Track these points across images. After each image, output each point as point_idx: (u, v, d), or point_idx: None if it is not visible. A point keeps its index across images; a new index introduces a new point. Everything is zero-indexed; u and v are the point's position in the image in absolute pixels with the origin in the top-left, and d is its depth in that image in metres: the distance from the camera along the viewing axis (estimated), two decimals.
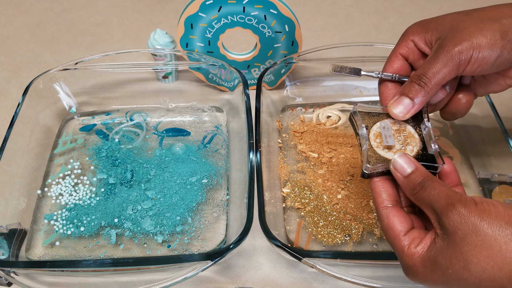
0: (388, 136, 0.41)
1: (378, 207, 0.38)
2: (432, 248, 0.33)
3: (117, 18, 0.89)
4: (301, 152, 0.64)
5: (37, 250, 0.56)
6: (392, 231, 0.36)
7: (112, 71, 0.68)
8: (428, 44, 0.42)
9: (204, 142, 0.66)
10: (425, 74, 0.39)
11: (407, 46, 0.43)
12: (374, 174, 0.39)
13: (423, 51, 0.43)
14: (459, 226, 0.31)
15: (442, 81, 0.40)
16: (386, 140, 0.40)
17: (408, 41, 0.43)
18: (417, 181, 0.36)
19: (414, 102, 0.40)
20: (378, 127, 0.42)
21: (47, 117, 0.67)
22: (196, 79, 0.73)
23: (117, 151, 0.64)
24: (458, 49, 0.39)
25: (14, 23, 0.88)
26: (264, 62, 0.72)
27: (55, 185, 0.61)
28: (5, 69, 0.79)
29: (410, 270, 0.35)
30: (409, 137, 0.41)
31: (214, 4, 0.63)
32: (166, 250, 0.55)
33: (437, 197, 0.34)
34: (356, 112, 0.42)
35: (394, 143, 0.40)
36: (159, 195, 0.59)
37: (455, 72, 0.40)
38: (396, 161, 0.38)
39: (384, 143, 0.40)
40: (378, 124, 0.42)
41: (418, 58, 0.43)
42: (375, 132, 0.41)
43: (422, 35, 0.42)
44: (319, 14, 0.90)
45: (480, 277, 0.31)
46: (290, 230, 0.57)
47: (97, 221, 0.57)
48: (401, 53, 0.44)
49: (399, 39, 0.44)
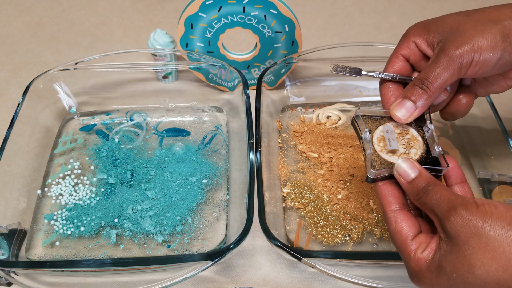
0: (391, 140, 0.40)
1: (385, 210, 0.38)
2: (437, 253, 0.33)
3: (117, 18, 0.89)
4: (301, 152, 0.64)
5: (37, 250, 0.56)
6: (400, 236, 0.36)
7: (112, 71, 0.68)
8: (430, 45, 0.42)
9: (204, 142, 0.66)
10: (427, 78, 0.39)
11: (408, 47, 0.43)
12: (379, 179, 0.39)
13: (425, 52, 0.43)
14: (461, 230, 0.31)
15: (444, 84, 0.40)
16: (390, 144, 0.40)
17: (409, 42, 0.43)
18: (420, 186, 0.36)
19: (417, 106, 0.40)
20: (381, 131, 0.41)
21: (47, 117, 0.67)
22: (196, 79, 0.73)
23: (117, 151, 0.65)
24: (459, 52, 0.38)
25: (14, 23, 0.88)
26: (264, 62, 0.72)
27: (55, 185, 0.61)
28: (5, 69, 0.79)
29: (416, 275, 0.34)
30: (413, 140, 0.41)
31: (214, 4, 0.63)
32: (166, 250, 0.55)
33: (439, 201, 0.34)
34: (359, 115, 0.42)
35: (398, 147, 0.40)
36: (159, 195, 0.59)
37: (457, 75, 0.40)
38: (399, 166, 0.38)
39: (387, 147, 0.40)
40: (381, 128, 0.42)
41: (420, 59, 0.43)
42: (378, 136, 0.41)
43: (424, 37, 0.42)
44: (319, 14, 0.90)
45: (485, 279, 0.30)
46: (290, 230, 0.57)
47: (97, 221, 0.57)
48: (403, 54, 0.44)
49: (400, 40, 0.44)
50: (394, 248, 0.55)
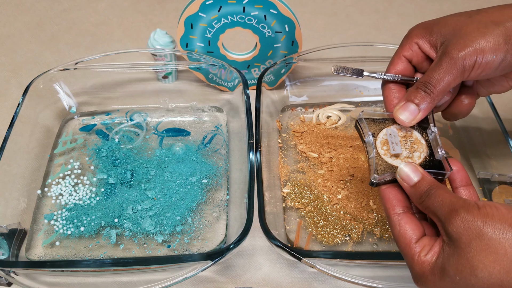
0: (395, 144, 0.40)
1: (389, 214, 0.38)
2: (440, 256, 0.33)
3: (117, 18, 0.89)
4: (301, 152, 0.64)
5: (37, 250, 0.56)
6: (404, 239, 0.36)
7: (112, 71, 0.68)
8: (433, 47, 0.42)
9: (204, 142, 0.66)
10: (431, 81, 0.39)
11: (411, 49, 0.43)
12: (382, 183, 0.39)
13: (428, 54, 0.43)
14: (463, 232, 0.31)
15: (448, 87, 0.40)
16: (393, 148, 0.40)
17: (412, 43, 0.43)
18: (423, 190, 0.36)
19: (420, 109, 0.40)
20: (385, 134, 0.41)
21: (47, 117, 0.67)
22: (196, 79, 0.73)
23: (117, 151, 0.65)
24: (462, 55, 0.38)
25: (14, 23, 0.88)
26: (264, 62, 0.72)
27: (55, 185, 0.61)
28: (5, 69, 0.79)
29: (420, 278, 0.34)
30: (416, 143, 0.41)
31: (214, 4, 0.63)
32: (166, 250, 0.55)
33: (441, 204, 0.34)
34: (362, 119, 0.42)
35: (401, 151, 0.40)
36: (159, 195, 0.59)
37: (460, 78, 0.40)
38: (402, 170, 0.38)
39: (391, 151, 0.40)
40: (385, 131, 0.42)
41: (422, 60, 0.43)
42: (381, 139, 0.41)
43: (426, 38, 0.42)
44: (319, 14, 0.90)
45: (487, 282, 0.30)
46: (290, 230, 0.57)
47: (97, 221, 0.57)
48: (405, 55, 0.44)
49: (402, 41, 0.44)
50: (394, 248, 0.55)
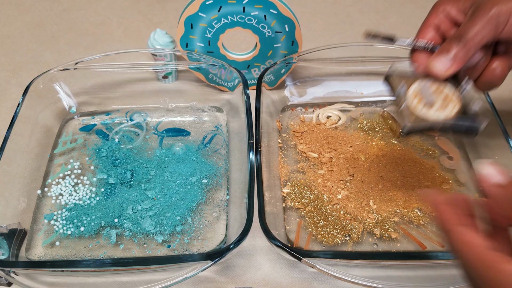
0: (428, 94, 0.40)
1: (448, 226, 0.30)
2: None
3: (117, 18, 0.89)
4: (301, 152, 0.64)
5: (37, 250, 0.56)
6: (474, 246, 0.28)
7: (112, 71, 0.68)
8: (461, 12, 0.42)
9: (204, 142, 0.66)
10: (465, 34, 0.39)
11: (438, 16, 0.43)
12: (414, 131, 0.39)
13: (456, 19, 0.43)
14: None
15: (481, 41, 0.40)
16: (426, 98, 0.40)
17: (439, 10, 0.43)
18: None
19: (454, 60, 0.40)
20: (418, 86, 0.41)
21: (47, 117, 0.67)
22: (196, 79, 0.73)
23: (117, 151, 0.65)
24: (495, 10, 0.39)
25: (14, 23, 0.88)
26: (264, 62, 0.72)
27: (55, 185, 0.61)
28: (5, 69, 0.79)
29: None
30: (448, 97, 0.41)
31: (214, 4, 0.63)
32: (166, 250, 0.55)
33: None
34: (394, 71, 0.42)
35: (435, 101, 0.39)
36: (159, 195, 0.59)
37: (494, 32, 0.40)
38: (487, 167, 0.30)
39: (425, 101, 0.39)
40: (418, 83, 0.41)
41: (450, 27, 0.43)
42: (414, 90, 0.41)
43: (454, 4, 0.43)
44: (319, 14, 0.90)
45: None
46: (290, 230, 0.57)
47: (97, 221, 0.57)
48: (433, 23, 0.44)
49: (430, 10, 0.44)
50: (394, 248, 0.55)
